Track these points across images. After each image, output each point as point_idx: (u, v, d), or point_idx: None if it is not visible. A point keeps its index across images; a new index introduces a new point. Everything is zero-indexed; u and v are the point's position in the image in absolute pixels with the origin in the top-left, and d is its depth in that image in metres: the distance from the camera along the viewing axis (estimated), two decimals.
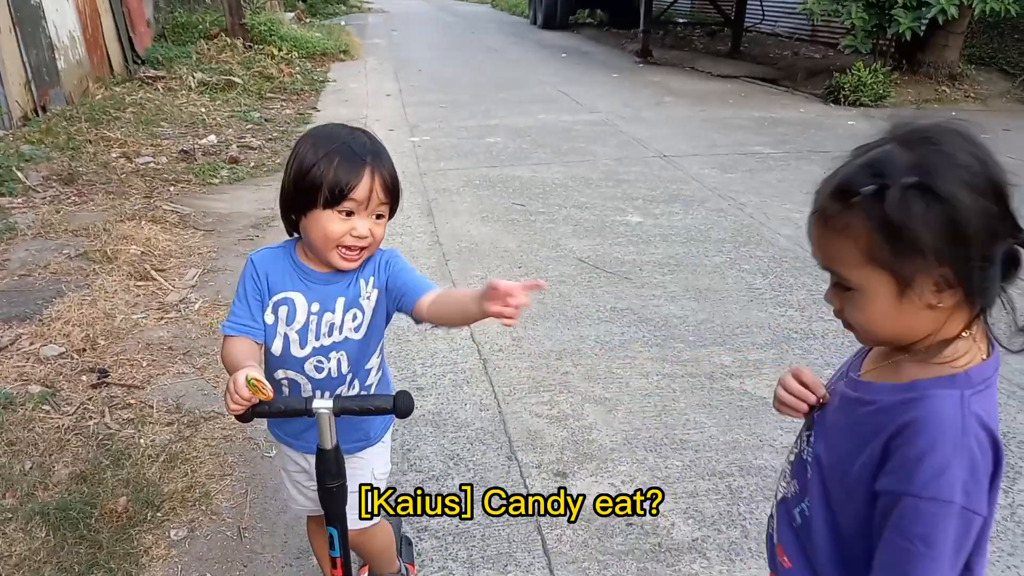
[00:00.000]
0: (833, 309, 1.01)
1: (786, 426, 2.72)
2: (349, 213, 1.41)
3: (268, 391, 1.29)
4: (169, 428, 2.75)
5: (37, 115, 6.63)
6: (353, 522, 1.62)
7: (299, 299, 1.51)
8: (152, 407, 2.86)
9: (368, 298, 1.53)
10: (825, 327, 3.52)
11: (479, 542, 2.24)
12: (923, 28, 8.78)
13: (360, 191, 1.39)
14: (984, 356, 0.96)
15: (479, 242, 4.59)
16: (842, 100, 8.81)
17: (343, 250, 1.44)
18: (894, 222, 0.87)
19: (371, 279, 1.53)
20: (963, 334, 0.94)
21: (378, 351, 1.61)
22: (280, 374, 1.57)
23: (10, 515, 2.27)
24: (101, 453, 2.57)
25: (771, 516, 1.21)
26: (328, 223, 1.42)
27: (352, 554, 1.61)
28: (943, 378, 0.94)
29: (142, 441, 2.65)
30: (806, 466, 1.09)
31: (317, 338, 1.52)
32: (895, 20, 8.42)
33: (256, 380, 1.28)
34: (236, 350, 1.46)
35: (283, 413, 1.37)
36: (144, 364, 3.16)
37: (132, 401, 2.90)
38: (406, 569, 2.03)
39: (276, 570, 2.15)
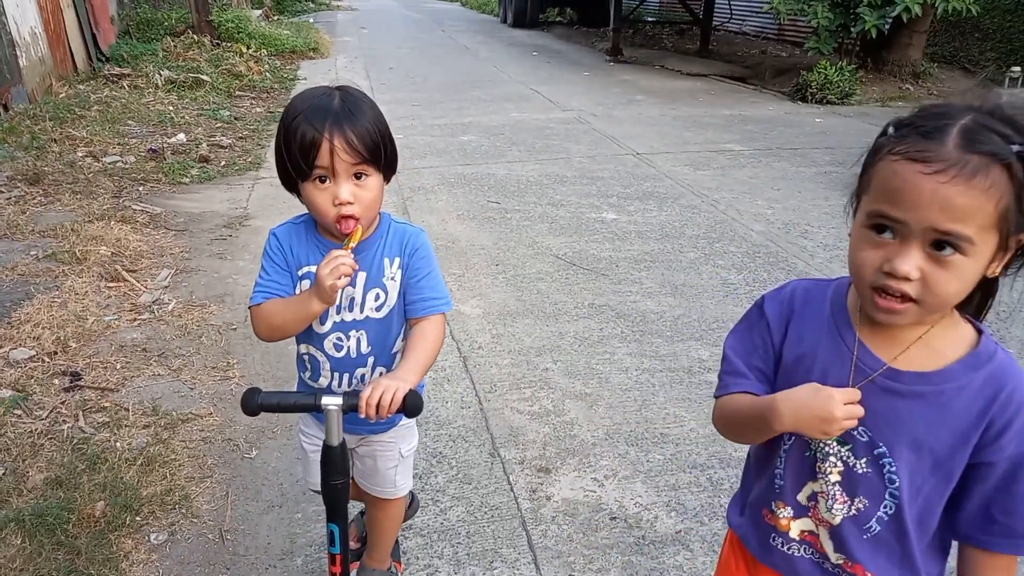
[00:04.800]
0: (901, 283, 0.96)
1: None
2: (323, 179, 1.39)
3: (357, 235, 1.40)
4: (146, 431, 2.70)
5: None
6: (384, 492, 1.79)
7: None
8: (127, 410, 2.81)
9: (393, 279, 1.51)
10: None
11: (464, 539, 2.25)
12: (888, 26, 8.96)
13: (322, 157, 1.35)
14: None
15: (456, 239, 4.59)
16: (809, 98, 8.94)
17: (341, 222, 1.40)
18: None
19: (396, 259, 1.51)
20: None
21: (402, 334, 1.58)
22: (303, 348, 1.59)
23: None
24: (76, 457, 2.52)
25: (794, 549, 1.18)
26: (311, 196, 1.40)
27: None
28: (988, 339, 1.05)
29: (118, 444, 2.60)
30: (876, 476, 1.08)
31: (338, 312, 1.51)
32: (861, 18, 8.57)
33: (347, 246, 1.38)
34: (273, 307, 1.44)
35: (292, 408, 1.36)
36: (118, 366, 3.10)
37: (107, 404, 2.85)
38: (394, 568, 2.03)
39: (259, 572, 2.13)
